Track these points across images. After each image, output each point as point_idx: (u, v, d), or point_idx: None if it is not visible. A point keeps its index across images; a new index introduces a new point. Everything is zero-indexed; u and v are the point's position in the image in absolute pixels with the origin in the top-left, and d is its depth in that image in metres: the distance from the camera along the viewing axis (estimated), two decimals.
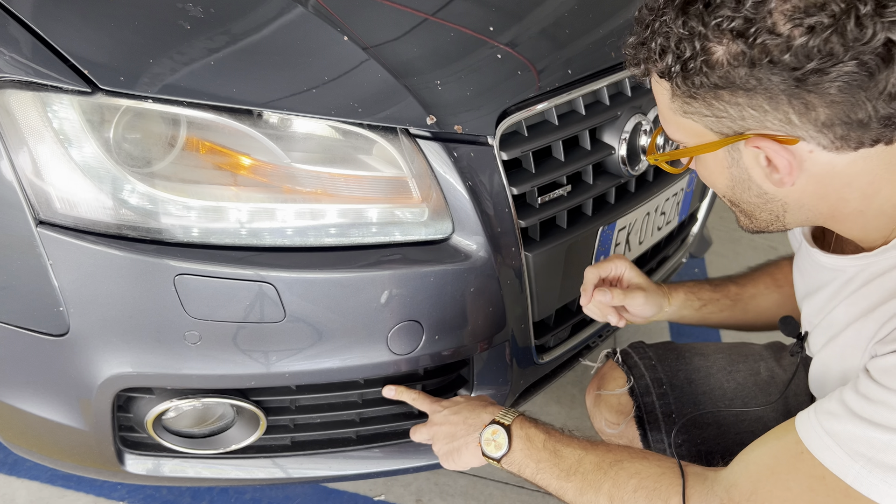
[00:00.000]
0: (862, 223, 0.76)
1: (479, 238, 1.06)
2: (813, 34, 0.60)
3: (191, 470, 1.17)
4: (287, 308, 0.99)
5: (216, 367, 1.02)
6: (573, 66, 1.18)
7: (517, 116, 1.09)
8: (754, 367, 1.20)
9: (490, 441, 0.95)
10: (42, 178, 0.94)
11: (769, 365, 1.21)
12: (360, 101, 1.00)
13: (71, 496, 1.45)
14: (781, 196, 0.76)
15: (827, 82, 0.62)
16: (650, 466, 0.84)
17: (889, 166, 0.70)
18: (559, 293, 1.24)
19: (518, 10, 1.25)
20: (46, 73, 0.91)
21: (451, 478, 1.56)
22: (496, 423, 0.96)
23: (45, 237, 0.94)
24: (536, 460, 0.92)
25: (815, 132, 0.67)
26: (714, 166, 0.78)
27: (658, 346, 1.25)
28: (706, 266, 2.42)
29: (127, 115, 0.95)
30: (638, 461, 0.86)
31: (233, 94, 0.95)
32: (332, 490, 1.51)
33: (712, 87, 0.68)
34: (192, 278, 0.96)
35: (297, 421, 1.18)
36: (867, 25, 0.59)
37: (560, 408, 1.75)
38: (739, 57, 0.64)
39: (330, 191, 1.02)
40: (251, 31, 1.02)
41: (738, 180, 0.77)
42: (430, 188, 1.04)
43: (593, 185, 1.22)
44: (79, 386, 1.03)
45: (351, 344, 1.04)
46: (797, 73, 0.62)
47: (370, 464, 1.22)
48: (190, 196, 0.97)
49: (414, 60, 1.07)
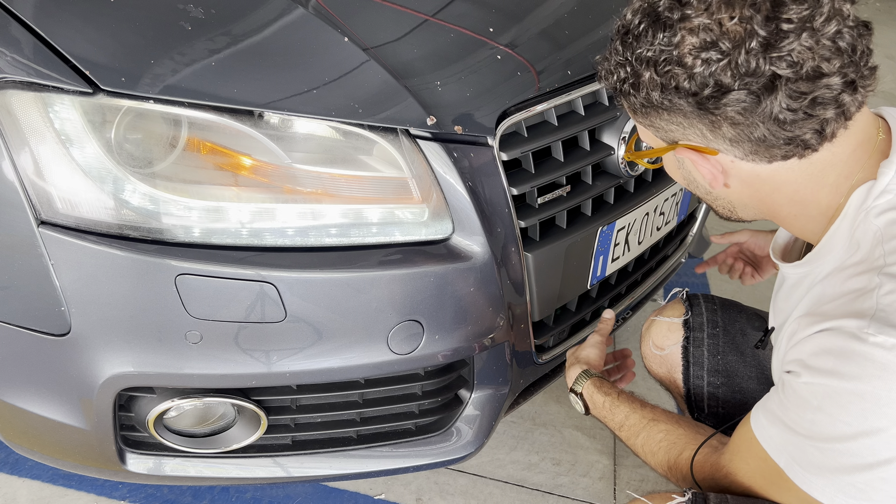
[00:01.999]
0: (800, 225, 0.84)
1: (479, 238, 1.06)
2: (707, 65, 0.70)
3: (192, 469, 1.17)
4: (288, 308, 0.99)
5: (217, 366, 1.02)
6: (573, 67, 1.18)
7: (517, 117, 1.10)
8: None
9: (576, 403, 1.17)
10: (43, 179, 0.94)
11: None
12: (360, 101, 1.00)
13: (72, 495, 1.45)
14: (724, 195, 0.85)
15: (723, 106, 0.71)
16: (678, 428, 1.00)
17: (811, 178, 0.77)
18: (559, 293, 1.25)
19: (518, 11, 1.26)
20: (48, 74, 0.92)
21: (451, 477, 1.56)
22: (572, 392, 1.17)
23: (46, 237, 0.95)
24: (602, 416, 1.13)
25: (728, 146, 0.76)
26: (670, 166, 0.90)
27: (725, 299, 1.30)
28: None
29: (128, 115, 0.95)
30: (671, 423, 1.02)
31: (234, 95, 0.96)
32: (332, 489, 1.51)
33: (641, 106, 0.79)
34: (193, 278, 0.96)
35: (298, 420, 1.18)
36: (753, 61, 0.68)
37: (560, 407, 1.75)
38: (654, 82, 0.74)
39: (330, 191, 1.02)
40: (252, 32, 1.02)
41: (688, 180, 0.88)
42: (431, 188, 1.04)
43: (593, 186, 1.23)
44: (80, 385, 1.03)
45: (351, 343, 1.04)
46: (697, 97, 0.72)
47: (370, 463, 1.22)
48: (191, 196, 0.98)
49: (414, 61, 1.08)
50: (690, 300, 1.27)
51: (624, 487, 1.57)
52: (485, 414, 1.24)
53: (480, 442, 1.26)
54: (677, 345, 1.24)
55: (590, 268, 1.29)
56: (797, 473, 0.76)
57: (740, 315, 1.25)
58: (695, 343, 1.22)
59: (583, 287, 1.31)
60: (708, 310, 1.25)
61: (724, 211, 0.90)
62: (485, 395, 1.23)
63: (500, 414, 1.26)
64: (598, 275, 1.32)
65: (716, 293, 2.28)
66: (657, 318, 1.30)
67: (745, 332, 1.22)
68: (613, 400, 1.11)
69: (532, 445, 1.65)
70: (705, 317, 1.24)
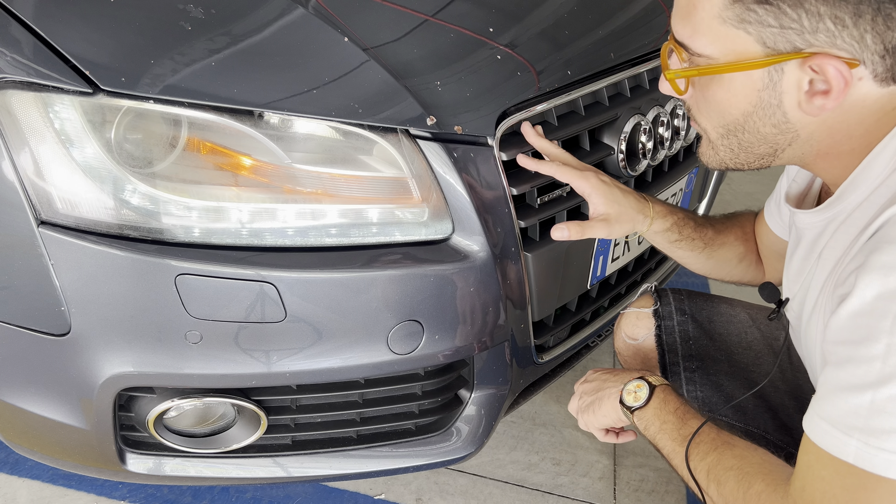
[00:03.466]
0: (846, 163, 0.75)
1: (478, 238, 1.06)
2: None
3: (192, 469, 1.17)
4: (288, 308, 0.99)
5: (217, 366, 1.02)
6: (573, 67, 1.18)
7: (517, 117, 1.10)
8: (775, 333, 1.23)
9: (632, 392, 0.99)
10: (43, 179, 0.94)
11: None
12: (360, 101, 1.00)
13: (72, 495, 1.45)
14: (799, 127, 0.74)
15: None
16: (755, 455, 0.84)
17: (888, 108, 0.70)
18: (559, 293, 1.25)
19: (518, 11, 1.26)
20: (48, 74, 0.92)
21: (450, 477, 1.56)
22: (643, 379, 1.00)
23: (46, 237, 0.95)
24: (662, 420, 0.95)
25: (879, 58, 0.66)
26: (740, 88, 0.73)
27: (691, 291, 1.29)
28: None
29: (128, 115, 0.95)
30: (745, 449, 0.86)
31: (234, 95, 0.96)
32: (332, 489, 1.51)
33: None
34: (193, 278, 0.96)
35: (298, 420, 1.18)
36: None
37: (560, 407, 1.75)
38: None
39: (330, 191, 1.02)
40: (252, 32, 1.02)
41: (763, 105, 0.73)
42: (431, 188, 1.04)
43: None
44: (80, 385, 1.03)
45: (351, 343, 1.04)
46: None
47: (370, 463, 1.22)
48: (191, 196, 0.98)
49: (414, 61, 1.08)
50: (658, 293, 1.27)
51: (624, 488, 1.57)
52: (485, 414, 1.24)
53: (480, 442, 1.26)
54: (650, 334, 1.23)
55: (590, 268, 1.29)
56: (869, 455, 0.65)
57: (706, 303, 1.26)
58: (666, 331, 1.22)
59: (583, 287, 1.31)
60: (676, 299, 1.25)
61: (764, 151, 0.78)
62: (485, 395, 1.23)
63: (500, 414, 1.26)
64: (598, 275, 1.32)
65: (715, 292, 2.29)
66: (626, 309, 1.29)
67: (711, 320, 1.23)
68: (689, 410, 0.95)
69: (532, 445, 1.65)
70: (673, 305, 1.24)
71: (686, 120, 1.39)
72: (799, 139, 0.75)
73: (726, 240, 1.18)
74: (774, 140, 0.76)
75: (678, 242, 1.15)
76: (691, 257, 1.18)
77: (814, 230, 0.83)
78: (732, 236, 1.19)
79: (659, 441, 0.95)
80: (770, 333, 1.23)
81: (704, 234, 1.17)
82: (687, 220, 1.15)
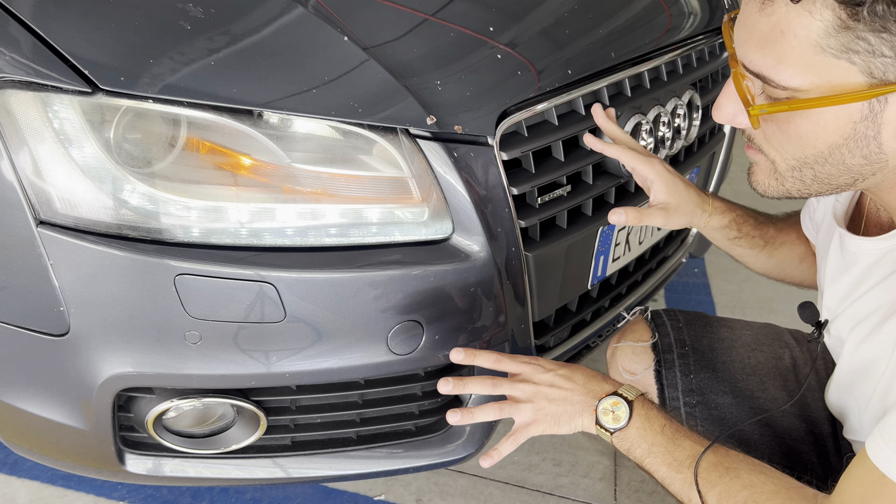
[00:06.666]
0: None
1: (479, 238, 1.06)
2: None
3: (191, 470, 1.17)
4: (287, 308, 0.99)
5: (217, 366, 1.02)
6: (573, 67, 1.18)
7: (517, 117, 1.09)
8: (778, 352, 1.19)
9: (609, 412, 0.90)
10: (42, 178, 0.94)
11: (793, 353, 1.19)
12: (360, 101, 1.00)
13: (71, 496, 1.45)
14: (891, 157, 0.68)
15: None
16: (766, 483, 0.80)
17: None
18: (559, 293, 1.24)
19: (518, 10, 1.25)
20: (47, 74, 0.92)
21: (451, 477, 1.56)
22: (618, 395, 0.91)
23: (45, 237, 0.94)
24: (650, 443, 0.88)
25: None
26: (832, 121, 0.67)
27: (688, 312, 1.24)
28: (706, 266, 2.42)
29: (127, 115, 0.95)
30: (756, 474, 0.82)
31: (233, 95, 0.96)
32: (332, 490, 1.51)
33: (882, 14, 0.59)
34: (192, 278, 0.96)
35: (298, 421, 1.18)
36: None
37: None
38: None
39: (330, 191, 1.02)
40: (251, 32, 1.02)
41: (857, 138, 0.67)
42: (431, 188, 1.04)
43: (593, 186, 1.23)
44: (79, 386, 1.03)
45: (351, 344, 1.04)
46: None
47: (370, 464, 1.22)
48: (190, 196, 0.97)
49: (414, 61, 1.07)
50: (655, 320, 1.21)
51: (624, 488, 1.57)
52: None
53: (481, 443, 1.25)
54: (649, 369, 1.17)
55: (590, 268, 1.29)
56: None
57: (705, 330, 1.21)
58: (666, 365, 1.16)
59: (583, 287, 1.31)
60: (674, 328, 1.20)
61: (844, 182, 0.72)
62: (485, 396, 1.23)
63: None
64: (598, 275, 1.32)
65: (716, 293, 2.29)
66: (621, 343, 1.21)
67: (713, 348, 1.18)
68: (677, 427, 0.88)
69: (532, 446, 1.65)
70: (672, 336, 1.19)
71: (687, 120, 1.39)
72: (885, 169, 0.70)
73: (787, 238, 1.15)
74: (860, 171, 0.71)
75: (737, 240, 1.12)
76: (751, 255, 1.15)
77: (871, 256, 0.79)
78: (794, 234, 1.15)
79: (648, 465, 0.89)
80: (774, 353, 1.20)
81: (765, 232, 1.14)
82: (747, 218, 1.13)
